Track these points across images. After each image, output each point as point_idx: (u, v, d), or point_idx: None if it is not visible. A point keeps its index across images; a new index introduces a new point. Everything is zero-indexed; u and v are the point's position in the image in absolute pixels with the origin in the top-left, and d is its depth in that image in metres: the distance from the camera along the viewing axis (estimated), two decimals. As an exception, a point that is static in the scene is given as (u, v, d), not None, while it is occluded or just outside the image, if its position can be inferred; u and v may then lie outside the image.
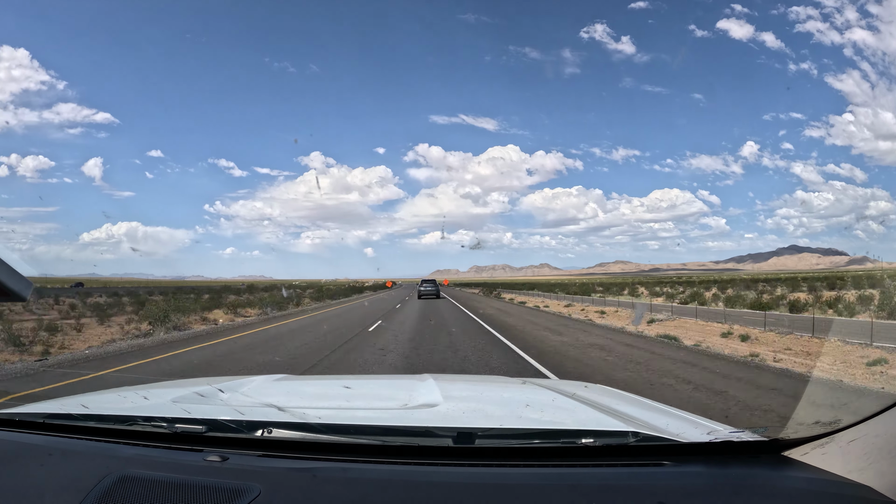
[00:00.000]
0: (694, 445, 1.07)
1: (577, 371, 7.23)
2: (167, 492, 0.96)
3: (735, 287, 40.31)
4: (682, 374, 6.97)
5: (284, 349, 9.86)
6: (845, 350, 8.75)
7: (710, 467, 1.00)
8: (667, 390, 5.96)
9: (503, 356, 8.51)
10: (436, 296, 31.01)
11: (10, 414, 1.40)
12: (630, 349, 9.56)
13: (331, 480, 0.99)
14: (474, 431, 1.14)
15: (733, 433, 1.09)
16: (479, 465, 1.04)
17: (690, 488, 0.93)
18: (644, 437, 1.08)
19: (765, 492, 0.91)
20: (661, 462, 1.02)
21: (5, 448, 1.22)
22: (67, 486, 1.01)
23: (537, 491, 0.94)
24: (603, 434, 1.15)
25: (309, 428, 1.17)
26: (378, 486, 0.97)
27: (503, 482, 0.98)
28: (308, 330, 13.90)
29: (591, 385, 1.93)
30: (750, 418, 4.76)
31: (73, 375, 7.43)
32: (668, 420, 1.27)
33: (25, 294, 0.94)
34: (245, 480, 0.98)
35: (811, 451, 1.01)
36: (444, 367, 7.46)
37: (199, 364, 8.31)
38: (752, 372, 7.23)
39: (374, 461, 1.05)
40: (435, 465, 1.04)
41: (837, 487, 0.89)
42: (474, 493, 0.93)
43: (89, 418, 1.34)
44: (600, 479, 0.97)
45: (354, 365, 7.84)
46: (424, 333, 12.03)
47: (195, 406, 1.42)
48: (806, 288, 33.61)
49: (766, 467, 0.99)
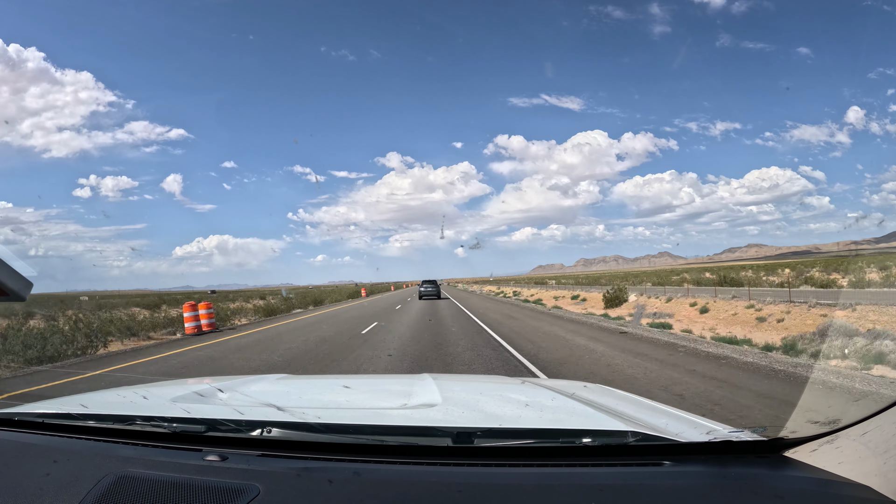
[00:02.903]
0: (693, 445, 1.07)
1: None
2: (166, 491, 0.97)
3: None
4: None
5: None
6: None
7: (709, 467, 1.00)
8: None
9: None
10: (437, 296, 32.07)
11: (10, 413, 1.40)
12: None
13: (330, 480, 0.99)
14: (474, 431, 1.14)
15: (732, 433, 1.09)
16: (478, 465, 1.04)
17: (690, 488, 0.93)
18: (643, 436, 1.08)
19: (764, 492, 0.91)
20: (660, 462, 1.02)
21: (5, 448, 1.22)
22: (67, 486, 1.01)
23: (537, 491, 0.94)
24: (602, 434, 1.15)
25: (308, 428, 1.17)
26: (378, 485, 0.97)
27: (502, 482, 0.98)
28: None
29: (591, 385, 1.93)
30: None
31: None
32: (668, 420, 1.27)
33: (25, 294, 0.95)
34: (244, 480, 0.98)
35: (811, 451, 1.01)
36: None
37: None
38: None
39: (374, 461, 1.05)
40: (434, 464, 1.04)
41: (837, 488, 0.89)
42: (474, 492, 0.93)
43: (89, 418, 1.34)
44: (600, 479, 0.97)
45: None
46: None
47: (195, 406, 1.42)
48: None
49: (765, 467, 0.99)
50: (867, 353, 7.42)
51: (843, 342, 8.54)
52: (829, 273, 31.42)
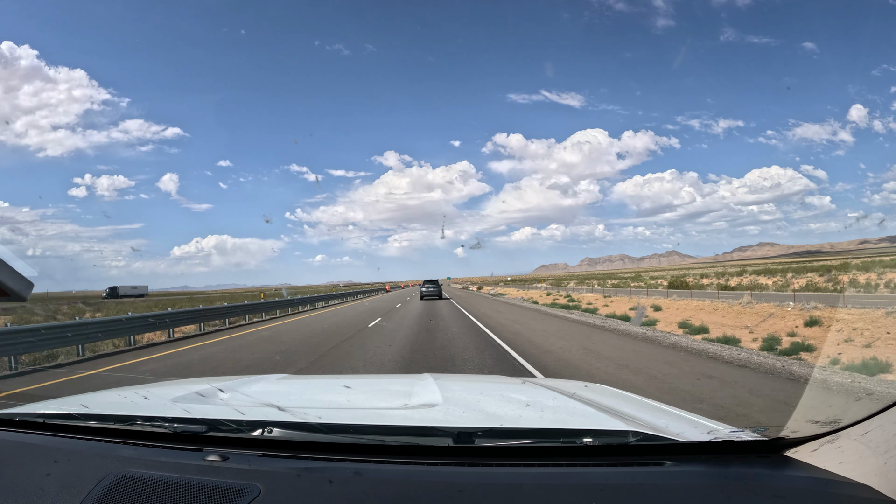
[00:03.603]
0: (694, 445, 1.07)
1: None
2: (167, 491, 0.97)
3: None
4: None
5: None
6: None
7: (710, 467, 1.00)
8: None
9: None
10: (438, 296, 32.18)
11: (10, 414, 1.40)
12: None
13: (331, 480, 0.99)
14: (474, 431, 1.14)
15: (733, 433, 1.09)
16: (479, 465, 1.04)
17: (690, 488, 0.93)
18: (644, 436, 1.08)
19: (765, 492, 0.91)
20: (661, 462, 1.02)
21: (5, 448, 1.22)
22: (67, 486, 1.01)
23: (537, 490, 0.94)
24: (603, 434, 1.15)
25: (309, 428, 1.17)
26: (378, 485, 0.97)
27: (503, 482, 0.98)
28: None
29: (591, 384, 1.93)
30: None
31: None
32: (668, 419, 1.27)
33: (26, 294, 0.95)
34: (245, 480, 0.98)
35: (811, 451, 1.01)
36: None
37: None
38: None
39: (375, 461, 1.05)
40: (435, 464, 1.04)
41: (838, 487, 0.89)
42: (474, 492, 0.93)
43: (89, 418, 1.34)
44: (600, 479, 0.97)
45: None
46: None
47: (195, 406, 1.42)
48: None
49: (766, 467, 0.99)
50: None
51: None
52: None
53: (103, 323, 11.68)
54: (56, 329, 10.05)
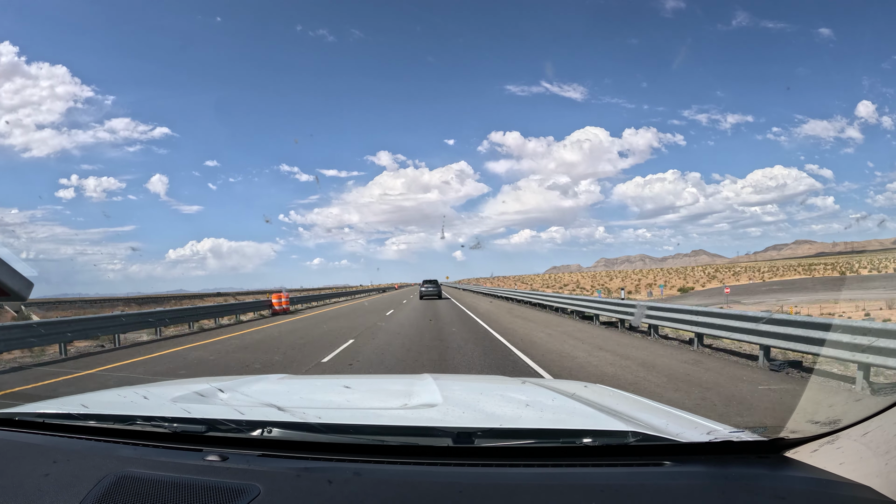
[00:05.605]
0: (693, 445, 1.07)
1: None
2: (167, 491, 0.96)
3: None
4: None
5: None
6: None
7: (709, 467, 1.00)
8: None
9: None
10: (437, 296, 32.13)
11: (10, 413, 1.40)
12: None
13: (331, 480, 0.99)
14: (474, 431, 1.14)
15: (733, 433, 1.09)
16: (478, 465, 1.04)
17: (690, 488, 0.93)
18: (644, 436, 1.08)
19: (765, 492, 0.91)
20: (660, 462, 1.02)
21: (5, 448, 1.22)
22: (67, 486, 1.01)
23: (537, 491, 0.94)
24: (603, 434, 1.15)
25: (309, 428, 1.17)
26: (378, 485, 0.97)
27: (503, 482, 0.98)
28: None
29: (591, 385, 1.93)
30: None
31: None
32: (668, 420, 1.27)
33: (26, 294, 0.95)
34: (245, 480, 0.98)
35: (811, 452, 1.01)
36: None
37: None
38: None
39: (374, 461, 1.05)
40: (435, 464, 1.04)
41: (837, 488, 0.89)
42: (474, 493, 0.93)
43: (89, 418, 1.34)
44: (600, 479, 0.97)
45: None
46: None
47: (195, 406, 1.42)
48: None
49: (765, 467, 0.99)
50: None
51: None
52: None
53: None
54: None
